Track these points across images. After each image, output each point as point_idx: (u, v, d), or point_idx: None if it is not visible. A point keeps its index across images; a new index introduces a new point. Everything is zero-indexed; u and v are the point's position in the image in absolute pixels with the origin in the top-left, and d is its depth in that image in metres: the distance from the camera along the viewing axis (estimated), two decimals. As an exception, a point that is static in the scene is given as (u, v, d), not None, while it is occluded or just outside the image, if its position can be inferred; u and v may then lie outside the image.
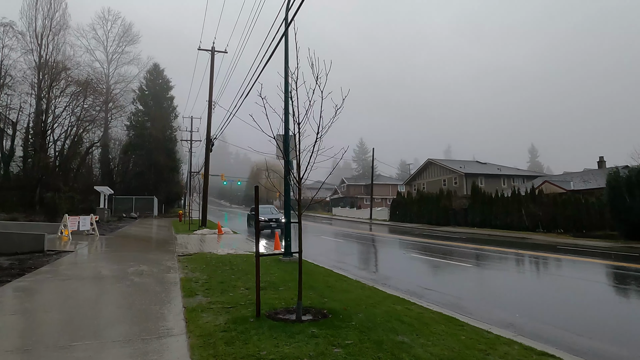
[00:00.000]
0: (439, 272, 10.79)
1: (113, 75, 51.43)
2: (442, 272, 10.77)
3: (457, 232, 26.52)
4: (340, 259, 13.22)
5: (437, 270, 11.00)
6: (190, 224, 25.16)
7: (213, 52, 28.21)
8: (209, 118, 26.89)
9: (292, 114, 5.64)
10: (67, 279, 8.02)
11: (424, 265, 12.18)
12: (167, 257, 11.70)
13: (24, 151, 35.73)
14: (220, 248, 14.05)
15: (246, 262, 10.62)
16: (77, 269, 9.30)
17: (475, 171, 49.72)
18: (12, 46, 34.04)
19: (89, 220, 17.88)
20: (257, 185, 5.47)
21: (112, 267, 9.63)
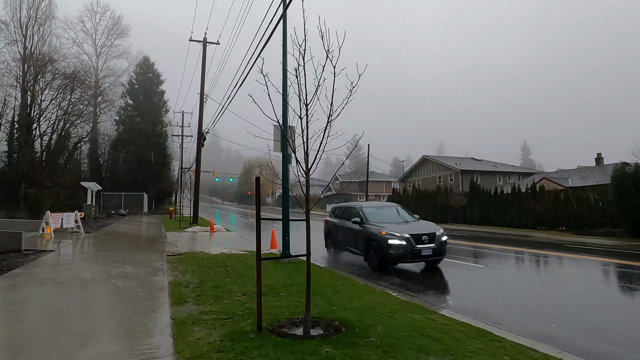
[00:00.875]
0: (451, 273, 10.06)
1: (102, 69, 50.01)
2: (454, 274, 10.04)
3: (456, 229, 25.92)
4: (343, 260, 12.45)
5: (448, 271, 10.28)
6: (181, 221, 24.23)
7: (205, 43, 27.21)
8: (201, 111, 25.92)
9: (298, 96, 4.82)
10: (41, 283, 7.14)
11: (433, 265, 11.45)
12: (155, 257, 10.84)
13: (8, 146, 34.42)
14: (213, 247, 13.20)
15: (241, 263, 9.80)
16: (55, 271, 8.41)
17: (471, 168, 49.26)
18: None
19: (73, 217, 16.89)
20: (258, 176, 4.65)
21: (94, 268, 8.75)
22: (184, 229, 21.12)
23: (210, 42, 27.43)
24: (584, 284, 9.13)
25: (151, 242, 15.25)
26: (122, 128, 47.08)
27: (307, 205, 4.94)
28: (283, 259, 10.29)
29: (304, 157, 4.78)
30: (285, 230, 10.57)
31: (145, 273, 8.22)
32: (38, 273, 8.09)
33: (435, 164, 52.14)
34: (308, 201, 4.95)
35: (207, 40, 27.27)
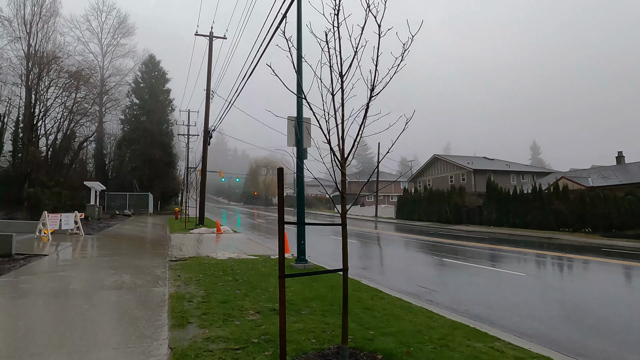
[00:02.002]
0: (490, 283, 8.94)
1: (108, 68, 49.39)
2: (493, 284, 8.92)
3: (474, 231, 24.70)
4: (362, 265, 11.38)
5: (484, 280, 9.17)
6: (187, 222, 23.28)
7: (211, 37, 26.29)
8: (207, 108, 24.96)
9: (329, 67, 3.76)
10: (20, 296, 6.14)
11: (465, 273, 10.32)
12: (157, 262, 9.82)
13: (13, 145, 33.76)
14: (220, 251, 12.17)
15: (252, 270, 8.74)
16: (43, 279, 7.41)
17: (484, 167, 47.88)
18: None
19: (73, 218, 15.96)
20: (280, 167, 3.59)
21: (86, 277, 7.74)
22: (189, 230, 20.15)
23: (216, 37, 26.53)
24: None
25: (154, 245, 14.27)
26: (128, 127, 46.36)
27: (343, 206, 3.88)
28: (298, 265, 9.22)
29: (339, 144, 3.72)
30: (300, 234, 9.50)
31: (143, 283, 7.19)
32: (21, 283, 7.10)
33: (446, 164, 50.83)
34: (344, 199, 3.88)
35: (214, 34, 26.37)
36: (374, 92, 3.62)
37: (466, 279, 9.41)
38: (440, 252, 14.07)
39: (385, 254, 14.69)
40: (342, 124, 3.70)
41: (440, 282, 9.04)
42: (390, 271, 10.64)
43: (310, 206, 67.08)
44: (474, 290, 8.22)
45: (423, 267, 11.27)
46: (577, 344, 4.90)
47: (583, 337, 5.25)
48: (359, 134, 3.74)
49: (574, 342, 4.94)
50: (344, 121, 3.72)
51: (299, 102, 9.66)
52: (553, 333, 5.28)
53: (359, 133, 3.72)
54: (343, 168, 3.75)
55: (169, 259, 10.46)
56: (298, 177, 9.69)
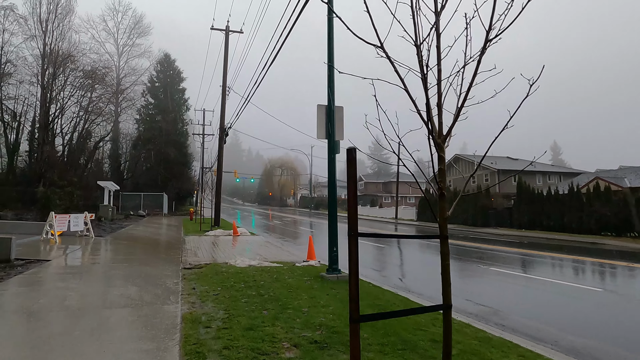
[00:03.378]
0: (569, 302, 7.54)
1: (124, 68, 49.09)
2: (575, 303, 7.51)
3: (507, 234, 23.08)
4: (399, 274, 10.08)
5: (558, 297, 7.77)
6: (202, 223, 22.25)
7: (227, 31, 25.30)
8: (223, 104, 23.95)
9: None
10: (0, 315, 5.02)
11: (525, 287, 8.93)
12: (169, 270, 8.69)
13: (29, 145, 33.43)
14: (239, 256, 11.00)
15: (278, 283, 7.52)
16: (35, 292, 6.32)
17: (508, 167, 45.93)
18: (13, 31, 31.62)
19: (82, 219, 15.03)
20: (352, 147, 2.34)
21: (87, 289, 6.63)
22: (204, 232, 19.10)
23: (232, 31, 25.53)
24: None
25: (168, 248, 13.20)
26: (143, 127, 45.87)
27: (443, 210, 2.61)
28: (330, 277, 7.96)
29: (437, 113, 2.45)
30: (332, 239, 8.23)
31: (152, 298, 6.03)
32: (10, 296, 6.01)
33: (468, 163, 49.00)
34: (444, 198, 2.62)
35: (230, 28, 25.38)
36: (496, 30, 2.34)
37: (532, 295, 8.02)
38: (482, 260, 12.65)
39: (419, 260, 13.34)
40: (439, 85, 2.43)
41: (502, 299, 7.67)
42: (434, 282, 9.29)
43: (324, 207, 65.78)
44: (556, 312, 6.80)
45: (470, 279, 9.90)
46: None
47: None
48: (464, 97, 2.46)
49: None
50: (441, 78, 2.45)
51: (330, 79, 8.43)
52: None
53: (464, 94, 2.44)
54: (441, 150, 2.48)
55: (183, 265, 9.33)
56: (330, 173, 8.44)
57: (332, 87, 8.50)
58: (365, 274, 9.50)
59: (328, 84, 8.51)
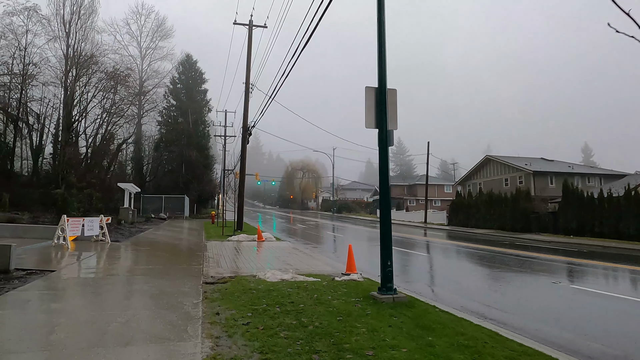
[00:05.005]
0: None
1: (146, 71, 48.93)
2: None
3: (557, 242, 20.95)
4: (460, 291, 8.43)
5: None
6: (224, 227, 21.02)
7: (251, 26, 24.13)
8: (246, 102, 22.73)
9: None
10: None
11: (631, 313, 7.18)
12: (188, 284, 7.32)
13: (53, 147, 33.17)
14: (268, 268, 9.57)
15: (321, 305, 6.02)
16: (16, 318, 5.00)
17: (544, 169, 43.25)
18: (37, 32, 31.36)
19: (98, 222, 13.93)
20: None
21: (85, 314, 5.29)
22: (227, 237, 17.81)
23: (256, 26, 24.34)
24: None
25: (187, 256, 11.89)
26: (165, 129, 45.38)
27: None
28: (384, 297, 6.40)
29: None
30: (386, 251, 6.67)
31: (163, 330, 4.62)
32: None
33: (500, 165, 46.44)
34: None
35: (253, 23, 24.20)
36: None
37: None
38: (551, 274, 10.83)
39: (473, 272, 11.61)
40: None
41: (627, 337, 5.95)
42: (509, 303, 7.59)
43: (347, 210, 64.10)
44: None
45: (560, 301, 8.15)
46: None
47: None
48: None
49: None
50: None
51: (381, 53, 6.90)
52: None
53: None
54: None
55: (204, 279, 7.94)
56: (382, 170, 6.89)
57: (383, 65, 6.97)
58: (419, 291, 7.92)
59: (378, 60, 6.99)
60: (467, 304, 7.21)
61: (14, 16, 29.25)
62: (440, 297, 7.56)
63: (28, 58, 30.59)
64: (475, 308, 6.90)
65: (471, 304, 7.25)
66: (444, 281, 9.76)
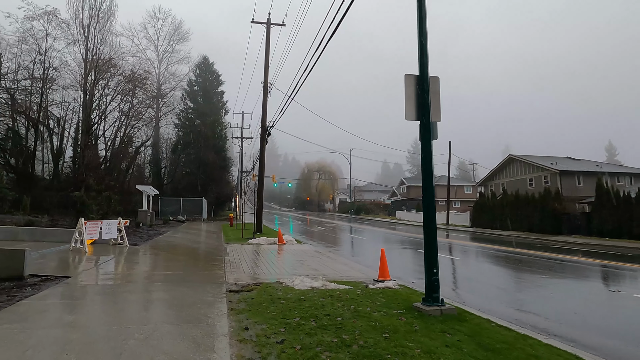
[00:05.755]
0: None
1: (164, 74, 49.13)
2: None
3: (594, 244, 19.77)
4: (508, 301, 7.63)
5: None
6: (243, 229, 20.52)
7: (269, 24, 23.66)
8: (265, 101, 22.24)
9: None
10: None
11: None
12: (210, 292, 6.74)
13: (73, 151, 33.38)
14: (294, 273, 8.93)
15: (361, 318, 5.34)
16: (27, 333, 4.47)
17: (571, 168, 41.62)
18: (56, 36, 31.56)
19: (116, 225, 13.54)
20: None
21: (101, 327, 4.73)
22: (247, 240, 17.29)
23: (274, 24, 23.87)
24: None
25: (207, 260, 11.36)
26: (182, 131, 45.38)
27: None
28: (430, 309, 5.68)
29: None
30: (431, 258, 5.95)
31: (187, 347, 4.01)
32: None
33: (524, 165, 44.94)
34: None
35: (271, 21, 23.73)
36: None
37: None
38: (599, 279, 9.93)
39: (513, 277, 10.75)
40: None
41: None
42: (564, 312, 6.77)
43: (367, 212, 63.16)
44: None
45: (609, 307, 7.29)
46: None
47: None
48: None
49: None
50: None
51: (421, 36, 6.21)
52: None
53: None
54: None
55: (228, 286, 7.35)
56: (425, 167, 6.19)
57: (424, 49, 6.27)
58: (458, 298, 7.15)
59: (419, 44, 6.29)
60: (519, 315, 6.44)
61: (34, 20, 29.44)
62: (487, 307, 6.79)
63: (48, 62, 30.80)
64: (531, 321, 6.12)
65: (525, 315, 6.46)
66: (485, 288, 8.95)
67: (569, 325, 6.04)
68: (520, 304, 7.38)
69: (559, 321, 6.22)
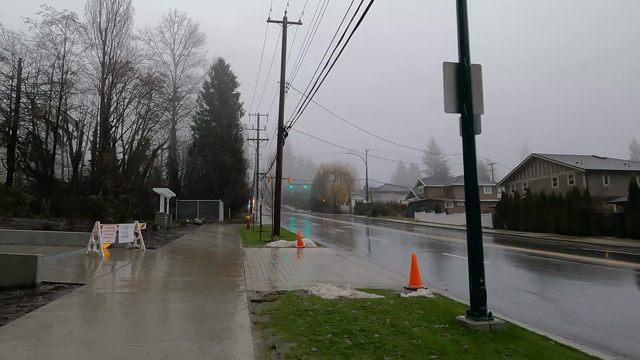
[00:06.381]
0: None
1: (180, 77, 49.34)
2: None
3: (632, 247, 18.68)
4: (557, 312, 6.92)
5: None
6: (261, 232, 20.07)
7: (285, 23, 23.24)
8: (281, 101, 21.80)
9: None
10: None
11: None
12: (231, 303, 6.25)
13: (92, 154, 33.62)
14: (319, 280, 8.37)
15: (400, 334, 4.74)
16: (29, 353, 4.03)
17: (597, 167, 40.01)
18: (74, 40, 31.83)
19: (132, 229, 13.22)
20: None
21: (114, 345, 4.25)
22: (265, 243, 16.83)
23: (290, 22, 23.45)
24: None
25: (226, 265, 10.89)
26: (198, 134, 45.41)
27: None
28: (478, 324, 5.04)
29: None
30: (476, 264, 5.31)
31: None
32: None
33: (548, 164, 43.44)
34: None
35: (287, 20, 23.30)
36: None
37: None
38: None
39: (554, 284, 9.97)
40: None
41: None
42: (606, 318, 6.05)
43: (384, 213, 62.24)
44: None
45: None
46: None
47: None
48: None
49: None
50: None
51: (461, 19, 5.59)
52: None
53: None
54: None
55: (249, 295, 6.83)
56: (467, 164, 5.57)
57: (465, 34, 5.65)
58: (501, 309, 6.44)
59: (459, 29, 5.67)
60: (575, 330, 5.74)
61: (53, 25, 29.72)
62: (534, 319, 6.10)
63: (66, 66, 31.06)
64: (590, 336, 5.43)
65: (581, 330, 5.76)
66: (526, 297, 8.22)
67: (634, 340, 5.33)
68: (572, 315, 6.66)
69: (623, 337, 5.50)
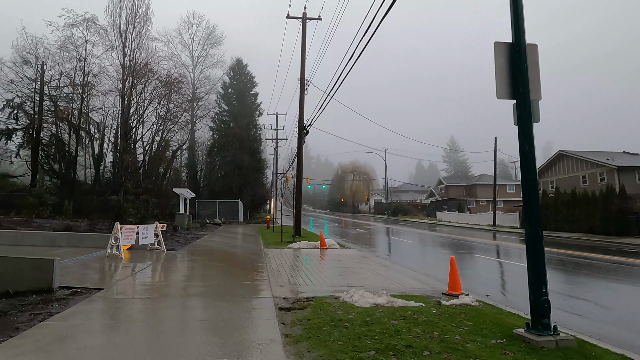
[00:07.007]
0: None
1: (199, 78, 49.49)
2: None
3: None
4: (621, 323, 6.17)
5: None
6: (282, 232, 19.59)
7: (304, 19, 22.73)
8: (302, 99, 21.30)
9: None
10: None
11: None
12: (257, 311, 5.74)
13: (113, 156, 33.88)
14: (349, 285, 7.79)
15: (455, 352, 4.12)
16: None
17: (629, 163, 38.18)
18: (95, 42, 32.10)
19: (152, 230, 12.91)
20: None
21: None
22: (286, 244, 16.33)
23: (310, 18, 22.93)
24: None
25: (249, 269, 10.41)
26: (217, 134, 45.40)
27: None
28: (542, 340, 4.37)
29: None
30: (538, 271, 4.66)
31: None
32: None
33: (576, 161, 41.73)
34: None
35: (307, 15, 22.79)
36: None
37: None
38: None
39: (608, 289, 9.12)
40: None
41: None
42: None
43: (403, 213, 61.16)
44: None
45: None
46: None
47: None
48: None
49: None
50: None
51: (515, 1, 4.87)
52: None
53: None
54: None
55: (276, 302, 6.31)
56: (523, 157, 4.89)
57: (519, 10, 4.98)
58: (561, 320, 5.72)
59: (513, 5, 5.01)
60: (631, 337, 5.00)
61: (74, 28, 29.99)
62: (599, 331, 5.38)
63: (87, 68, 31.34)
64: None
65: None
66: (583, 305, 7.39)
67: None
68: (638, 326, 5.90)
69: None
